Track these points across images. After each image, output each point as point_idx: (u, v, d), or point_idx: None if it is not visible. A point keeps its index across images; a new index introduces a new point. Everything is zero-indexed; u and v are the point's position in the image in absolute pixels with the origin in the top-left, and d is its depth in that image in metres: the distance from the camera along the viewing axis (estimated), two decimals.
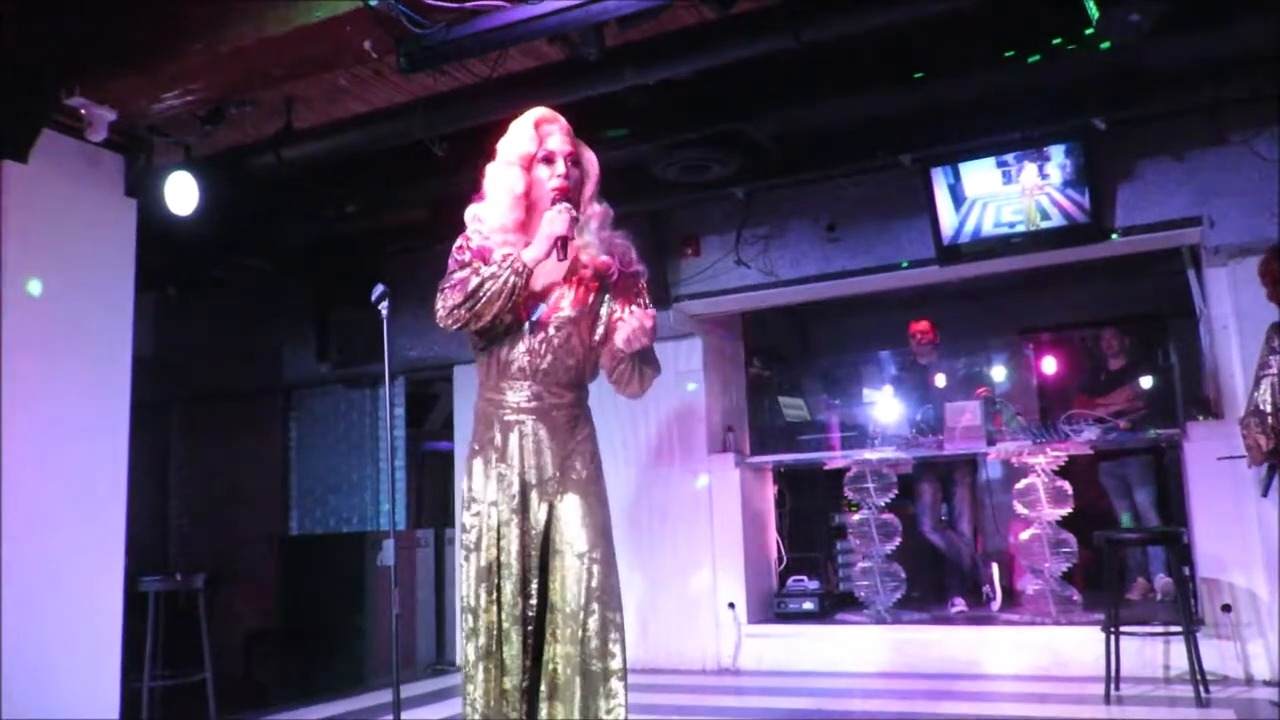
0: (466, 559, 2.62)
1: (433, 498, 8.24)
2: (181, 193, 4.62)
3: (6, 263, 4.12)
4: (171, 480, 7.97)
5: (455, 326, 2.59)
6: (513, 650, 2.51)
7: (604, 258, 2.71)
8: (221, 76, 4.13)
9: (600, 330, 2.72)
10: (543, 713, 2.49)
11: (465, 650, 2.58)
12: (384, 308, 3.25)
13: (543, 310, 2.65)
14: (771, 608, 6.39)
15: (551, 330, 2.63)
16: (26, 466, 4.13)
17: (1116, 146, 5.26)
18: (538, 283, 2.65)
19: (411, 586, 6.78)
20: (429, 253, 6.56)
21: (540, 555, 2.56)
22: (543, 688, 2.50)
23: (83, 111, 4.24)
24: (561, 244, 2.56)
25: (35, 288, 4.31)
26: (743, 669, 6.04)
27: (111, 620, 4.46)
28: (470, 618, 2.57)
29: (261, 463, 7.73)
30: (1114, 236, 5.30)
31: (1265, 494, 4.33)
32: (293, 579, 6.90)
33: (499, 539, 2.57)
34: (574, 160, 2.69)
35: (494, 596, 2.54)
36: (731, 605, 6.13)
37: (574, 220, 2.59)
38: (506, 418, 2.64)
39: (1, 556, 3.98)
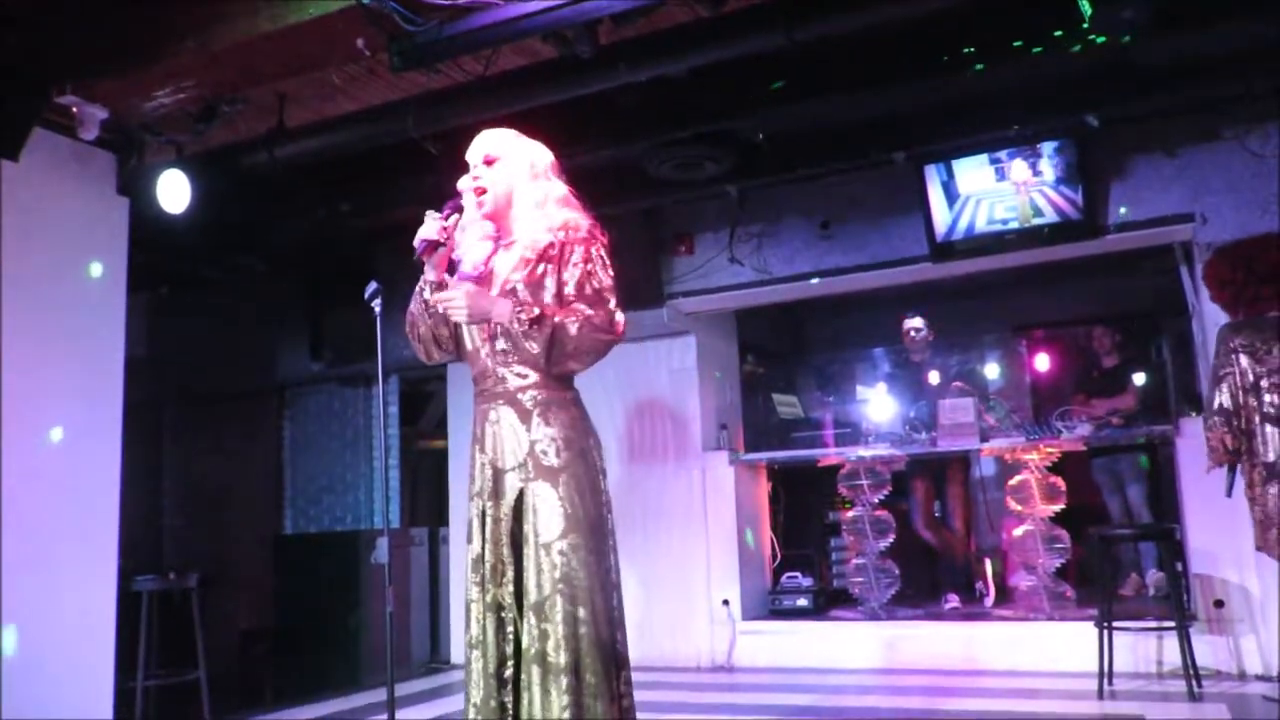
0: (467, 551, 2.67)
1: (427, 496, 8.23)
2: (174, 191, 4.62)
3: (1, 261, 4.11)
4: (165, 480, 7.95)
5: (430, 361, 2.86)
6: (488, 637, 2.54)
7: (545, 235, 2.66)
8: (213, 74, 4.12)
9: (549, 301, 2.64)
10: (524, 702, 2.50)
11: (464, 640, 2.64)
12: (377, 305, 3.24)
13: (493, 294, 2.67)
14: (766, 604, 6.40)
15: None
16: (20, 466, 4.12)
17: (1109, 143, 5.28)
18: (493, 272, 2.72)
19: (406, 585, 6.78)
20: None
21: (512, 543, 2.57)
22: (523, 677, 2.51)
23: (74, 109, 4.23)
24: (428, 246, 2.69)
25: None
26: (737, 666, 6.05)
27: (105, 620, 4.46)
28: (465, 610, 2.64)
29: (255, 462, 7.72)
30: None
31: (1229, 494, 4.34)
32: (287, 578, 6.89)
33: (483, 528, 2.61)
34: (490, 160, 2.75)
35: (481, 586, 2.59)
36: (726, 602, 6.13)
37: (454, 213, 2.73)
38: (482, 406, 2.69)
39: None
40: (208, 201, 4.79)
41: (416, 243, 2.69)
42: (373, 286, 3.23)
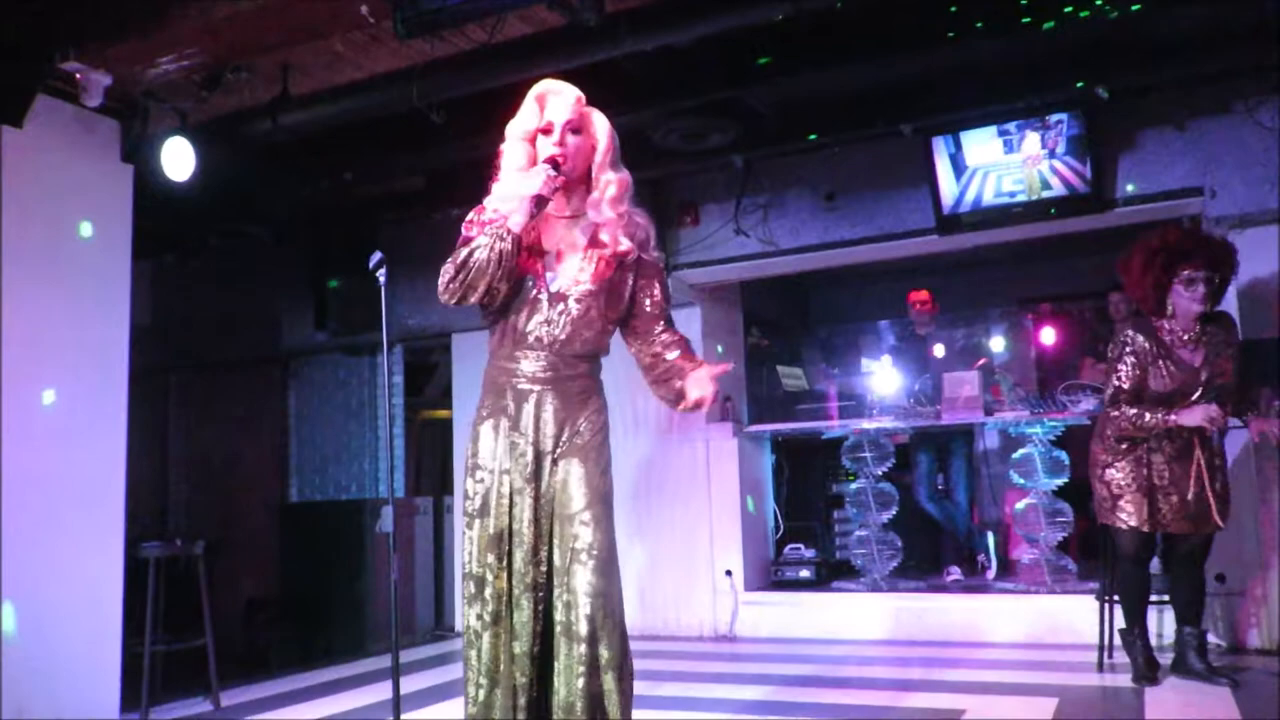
0: (470, 525, 2.61)
1: (431, 465, 8.27)
2: (178, 159, 4.61)
3: (3, 230, 4.10)
4: (171, 448, 7.99)
5: (453, 301, 2.58)
6: (523, 616, 2.51)
7: (624, 241, 2.64)
8: (217, 41, 4.10)
9: (622, 309, 2.69)
10: (550, 676, 2.50)
11: (469, 615, 2.58)
12: (381, 275, 3.23)
13: (563, 283, 2.62)
14: (769, 575, 6.43)
15: (572, 302, 2.60)
16: (26, 433, 4.13)
17: (1118, 116, 5.24)
18: (557, 254, 2.64)
19: (410, 553, 6.82)
20: (426, 220, 6.55)
21: (549, 521, 2.56)
22: (550, 650, 2.51)
23: (78, 76, 4.22)
24: (537, 202, 2.53)
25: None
26: (739, 636, 6.08)
27: (112, 586, 4.49)
28: (473, 584, 2.57)
29: (260, 430, 7.74)
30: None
31: None
32: (292, 546, 6.93)
33: (511, 507, 2.57)
34: (574, 129, 2.62)
35: (504, 564, 2.54)
36: (729, 573, 6.17)
37: (555, 177, 2.54)
38: (520, 386, 2.62)
39: (2, 524, 3.99)
40: (212, 169, 4.77)
41: (525, 200, 2.52)
42: (377, 256, 3.21)
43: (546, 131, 2.61)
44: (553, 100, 2.63)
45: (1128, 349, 4.14)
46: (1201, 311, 4.11)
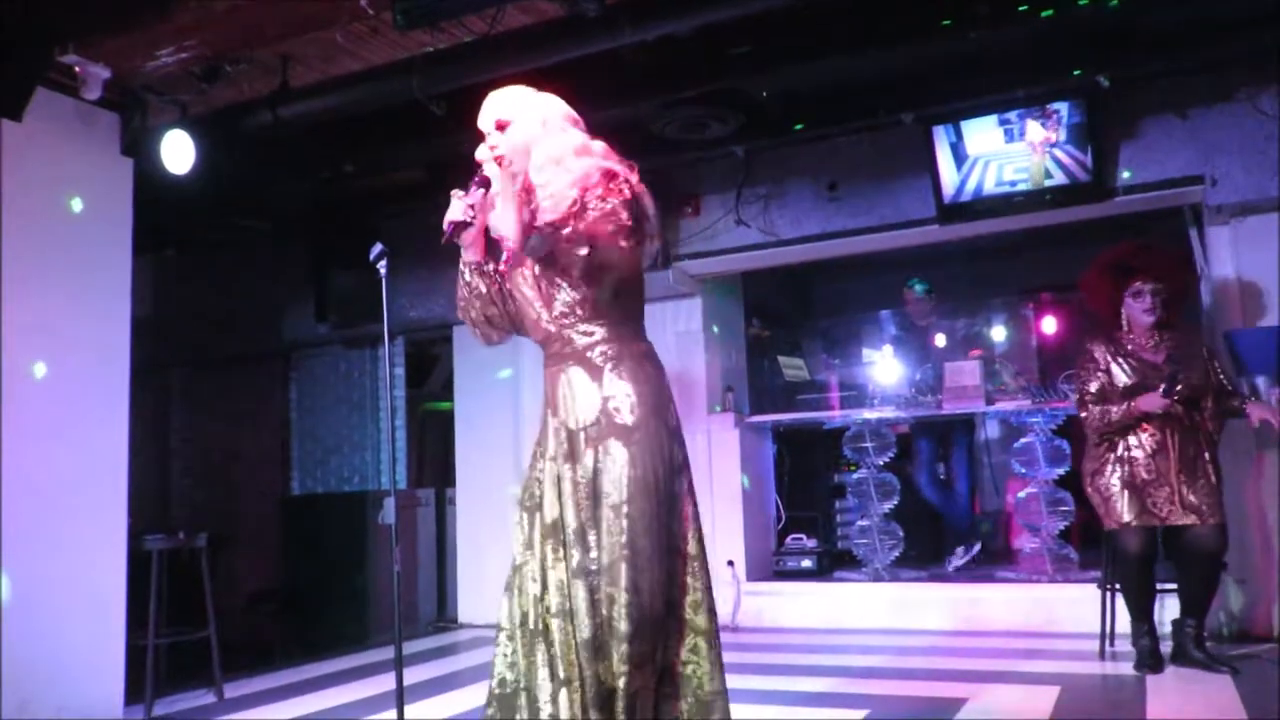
0: (528, 515, 2.56)
1: (433, 457, 8.27)
2: (178, 152, 4.60)
3: (3, 224, 4.10)
4: (172, 441, 8.00)
5: (485, 343, 2.78)
6: (579, 604, 2.43)
7: (546, 209, 2.46)
8: (216, 33, 4.09)
9: (596, 254, 2.52)
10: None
11: (523, 610, 2.50)
12: (382, 267, 3.22)
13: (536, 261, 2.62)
14: (770, 566, 6.44)
15: (539, 268, 2.59)
16: (27, 428, 4.14)
17: (1120, 104, 5.22)
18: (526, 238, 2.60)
19: (413, 545, 6.83)
20: (427, 213, 6.54)
21: (592, 505, 2.49)
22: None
23: (77, 69, 4.21)
24: (456, 228, 2.54)
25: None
26: (741, 626, 6.09)
27: (115, 578, 4.50)
28: (536, 576, 2.51)
29: (262, 423, 7.75)
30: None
31: None
32: (294, 538, 6.94)
33: (560, 494, 2.52)
34: (501, 126, 2.61)
35: (559, 552, 2.48)
36: (730, 563, 6.17)
37: (477, 195, 2.53)
38: (552, 369, 2.62)
39: (4, 517, 4.00)
40: (212, 162, 4.77)
41: (445, 226, 2.54)
42: (378, 248, 3.20)
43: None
44: (480, 115, 2.64)
45: (1087, 358, 4.50)
46: (1153, 321, 4.40)
